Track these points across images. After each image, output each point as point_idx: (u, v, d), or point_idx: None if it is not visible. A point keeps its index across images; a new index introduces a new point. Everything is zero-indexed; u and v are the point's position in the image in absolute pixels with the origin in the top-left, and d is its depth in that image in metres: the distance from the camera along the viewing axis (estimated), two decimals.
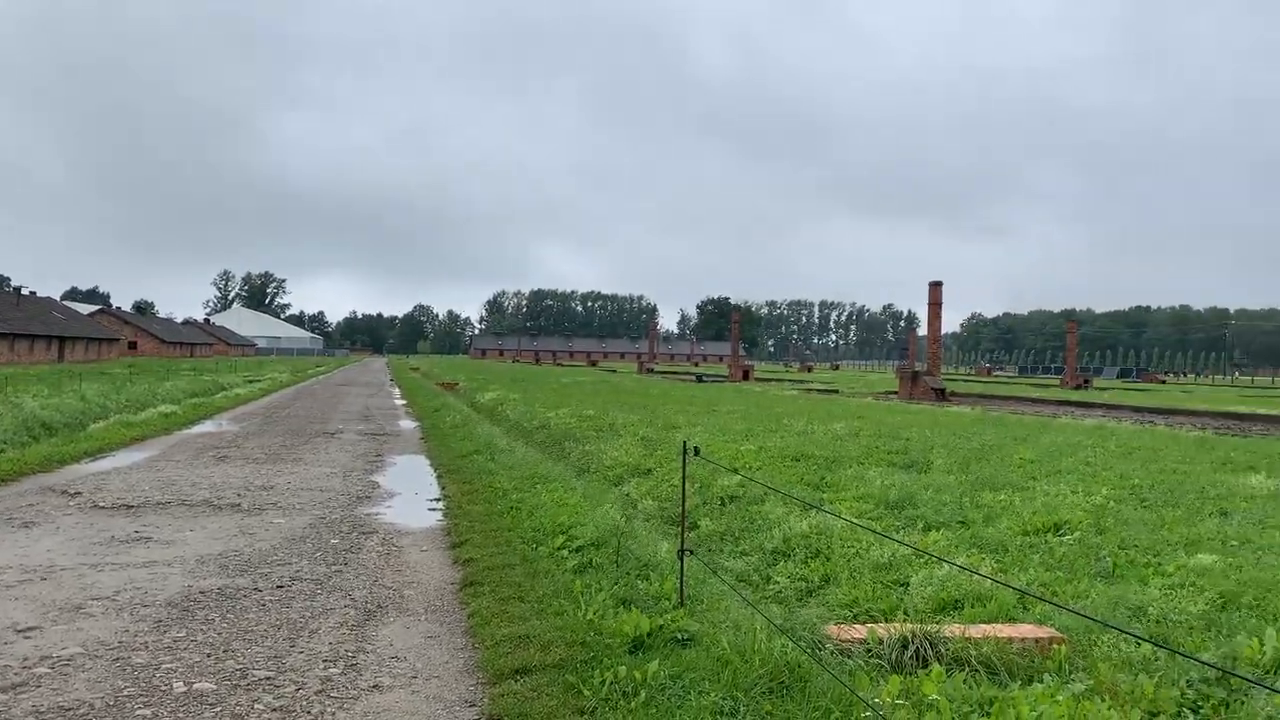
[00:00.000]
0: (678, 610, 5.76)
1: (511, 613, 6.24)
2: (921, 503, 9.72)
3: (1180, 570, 6.83)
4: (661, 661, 4.87)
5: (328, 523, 10.00)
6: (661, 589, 6.39)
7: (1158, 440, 17.53)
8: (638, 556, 7.41)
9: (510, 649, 5.50)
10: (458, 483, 12.72)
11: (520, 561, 7.71)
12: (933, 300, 41.43)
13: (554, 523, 8.88)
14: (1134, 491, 10.61)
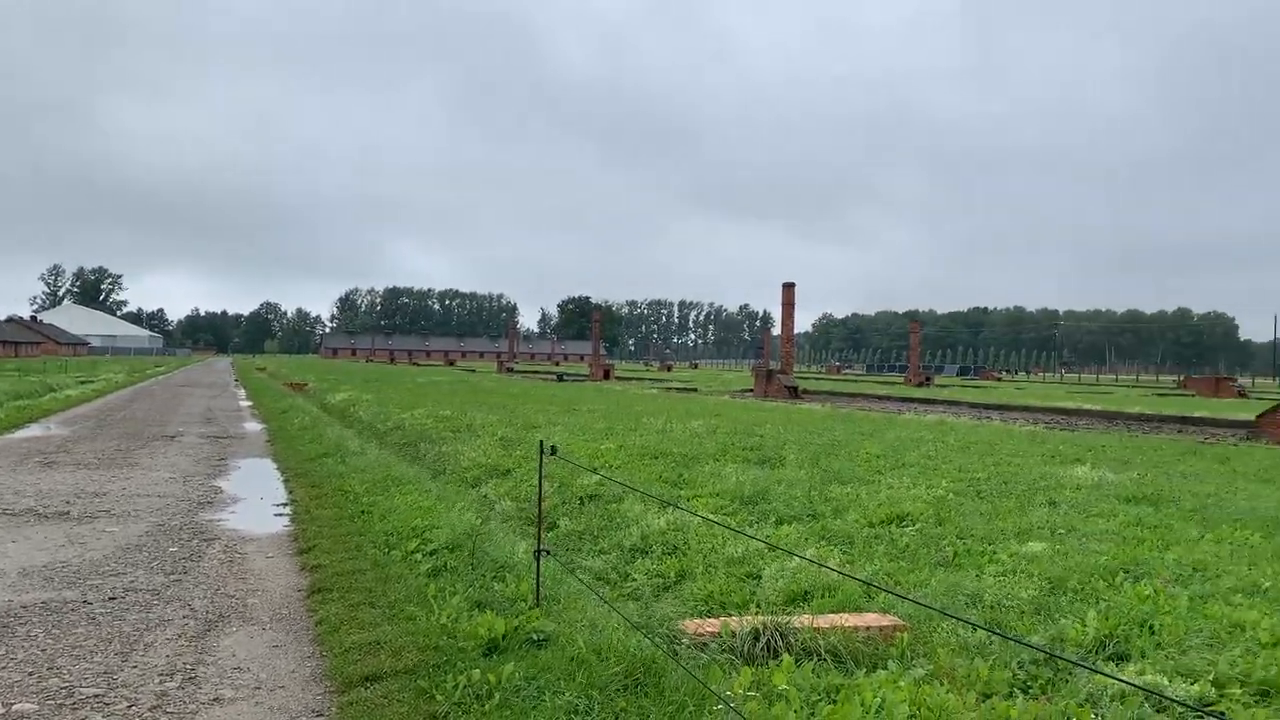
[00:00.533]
0: (534, 611, 5.71)
1: (362, 619, 6.06)
2: (774, 497, 9.95)
3: (1013, 558, 7.20)
4: (517, 663, 4.82)
5: (166, 530, 9.51)
6: (518, 590, 6.32)
7: (993, 435, 18.48)
8: (494, 558, 7.32)
9: (360, 656, 5.34)
10: (306, 486, 12.30)
11: (371, 566, 7.51)
12: (786, 301, 42.55)
13: (408, 526, 8.68)
14: (971, 484, 11.14)
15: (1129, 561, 7.07)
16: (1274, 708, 4.26)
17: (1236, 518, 9.15)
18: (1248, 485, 11.63)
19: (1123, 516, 9.14)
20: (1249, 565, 7.08)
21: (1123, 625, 5.39)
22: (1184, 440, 19.03)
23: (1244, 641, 5.13)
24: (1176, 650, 4.99)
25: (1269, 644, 5.06)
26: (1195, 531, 8.49)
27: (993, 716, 4.11)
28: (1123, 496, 10.36)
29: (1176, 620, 5.46)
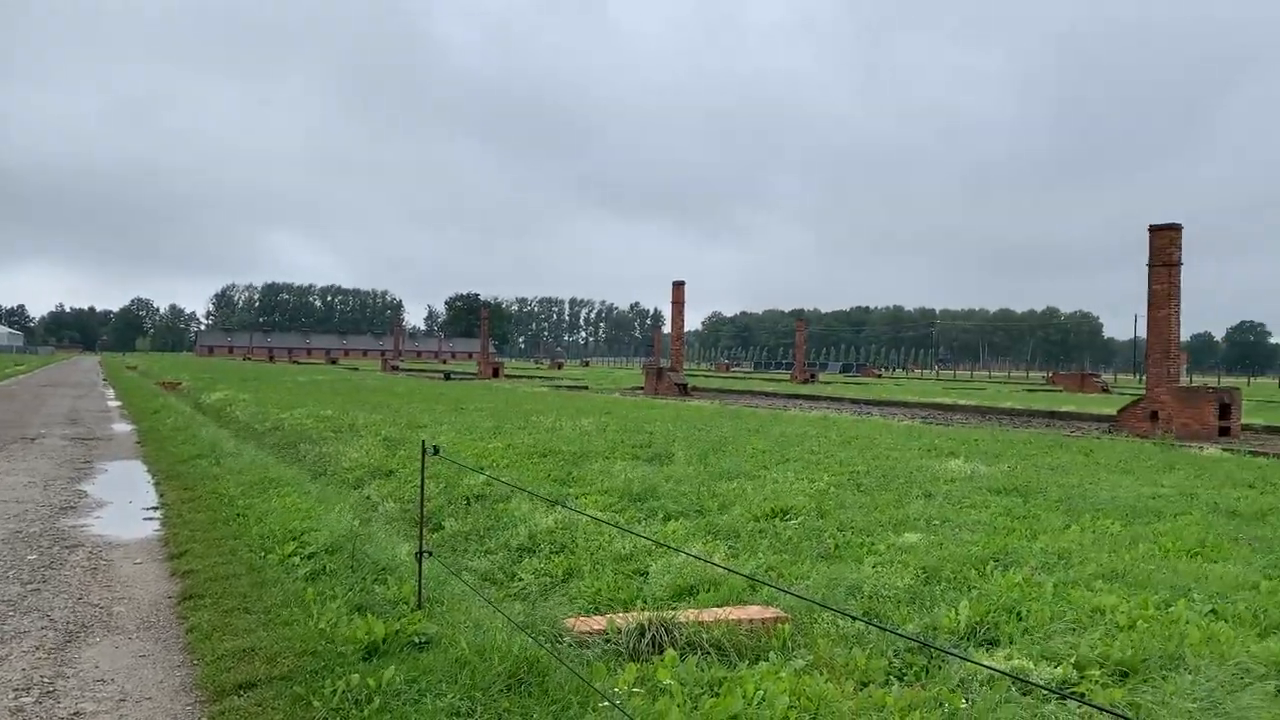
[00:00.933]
0: (416, 613, 5.61)
1: (236, 625, 5.85)
2: (663, 494, 10.02)
3: (890, 549, 7.41)
4: (398, 666, 4.72)
5: (24, 537, 9.00)
6: (400, 593, 6.20)
7: (873, 430, 19.00)
8: (375, 560, 7.16)
9: (233, 664, 5.15)
10: (178, 489, 11.81)
11: (247, 571, 7.25)
12: (675, 299, 42.91)
13: (285, 529, 8.42)
14: (852, 477, 11.42)
15: (999, 551, 7.36)
16: (1130, 687, 4.48)
17: (1098, 507, 9.62)
18: (1109, 476, 12.24)
19: (994, 507, 9.50)
20: (1109, 552, 7.44)
21: (993, 612, 5.60)
22: (1051, 434, 19.92)
23: (1104, 625, 5.38)
24: (1042, 635, 5.21)
25: (1126, 626, 5.32)
26: (1061, 521, 8.88)
27: (870, 704, 4.21)
28: (994, 488, 10.77)
29: (1042, 606, 5.70)
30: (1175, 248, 21.37)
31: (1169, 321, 21.48)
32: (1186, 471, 12.91)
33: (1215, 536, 8.18)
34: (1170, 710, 4.12)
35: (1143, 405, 21.64)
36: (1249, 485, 11.66)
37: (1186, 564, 7.14)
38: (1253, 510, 9.68)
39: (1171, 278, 21.35)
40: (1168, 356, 21.54)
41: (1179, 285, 21.42)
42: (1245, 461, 14.62)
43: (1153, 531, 8.41)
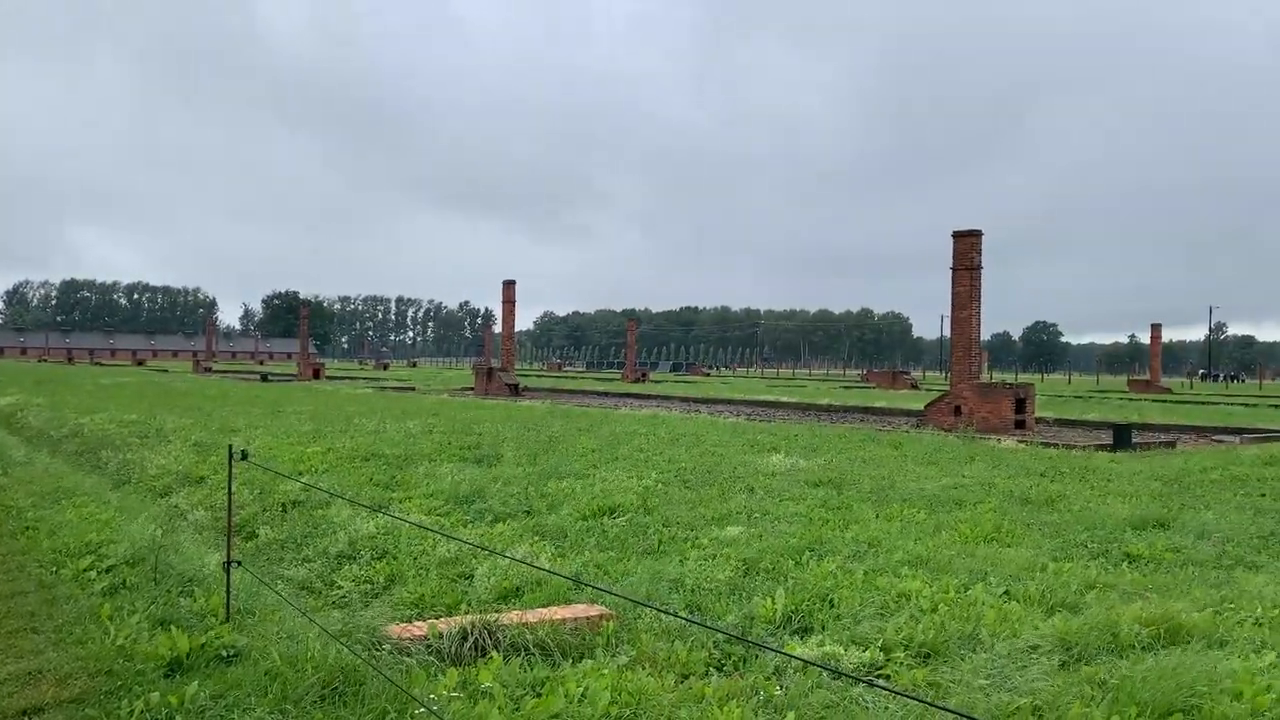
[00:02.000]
0: (224, 626, 5.34)
1: (21, 647, 5.41)
2: (491, 495, 9.92)
3: (713, 542, 7.59)
4: (202, 682, 4.48)
5: None
6: (208, 605, 5.89)
7: (700, 427, 19.42)
8: (181, 572, 6.78)
9: (16, 689, 4.76)
10: None
11: (36, 588, 6.73)
12: (506, 298, 42.59)
13: (81, 542, 7.86)
14: (679, 474, 11.64)
15: (815, 541, 7.66)
16: (931, 667, 4.74)
17: (906, 498, 10.15)
18: (916, 468, 12.94)
19: (811, 500, 9.88)
20: (915, 540, 7.87)
21: (807, 600, 5.82)
22: (865, 428, 20.88)
23: (909, 609, 5.68)
24: (852, 621, 5.45)
25: (929, 610, 5.64)
26: (872, 511, 9.32)
27: (690, 696, 4.29)
28: (811, 481, 11.20)
29: (853, 593, 5.97)
30: (976, 252, 22.78)
31: (971, 322, 22.89)
32: (985, 462, 13.79)
33: (1010, 523, 8.77)
34: (966, 687, 4.39)
35: (947, 400, 22.98)
36: (1040, 474, 12.56)
37: (984, 549, 7.63)
38: (1043, 497, 10.43)
39: (973, 281, 22.75)
40: (969, 355, 22.95)
41: (980, 288, 22.84)
42: (1037, 452, 15.74)
43: (954, 519, 8.94)
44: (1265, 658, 4.84)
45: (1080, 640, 5.05)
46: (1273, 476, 12.57)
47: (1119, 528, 8.72)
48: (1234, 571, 7.20)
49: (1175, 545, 8.06)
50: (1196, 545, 8.09)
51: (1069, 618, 5.54)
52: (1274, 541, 8.39)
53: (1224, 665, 4.57)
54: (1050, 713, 4.10)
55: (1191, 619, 5.49)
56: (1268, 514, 9.75)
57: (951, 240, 23.10)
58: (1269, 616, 5.78)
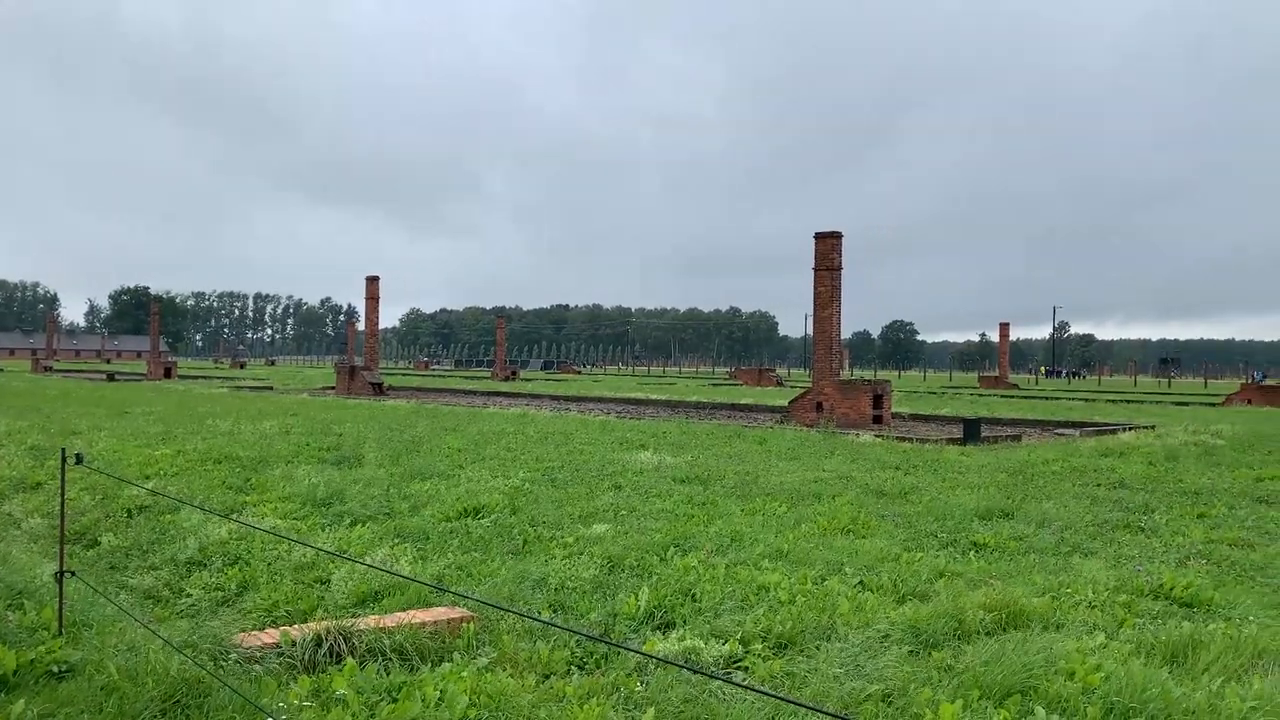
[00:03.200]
0: (56, 640, 5.02)
1: None
2: (350, 497, 9.66)
3: (579, 541, 7.58)
4: (30, 700, 4.20)
5: None
6: (40, 618, 5.52)
7: (570, 425, 19.39)
8: (9, 584, 6.34)
9: None
10: None
11: None
12: (370, 295, 41.56)
13: None
14: (547, 473, 11.58)
15: (680, 537, 7.74)
16: (788, 658, 4.85)
17: (768, 492, 10.37)
18: (779, 463, 13.24)
19: (677, 496, 9.98)
20: (776, 533, 8.04)
21: (670, 596, 5.87)
22: (732, 425, 21.25)
23: (768, 601, 5.80)
24: (713, 614, 5.53)
25: (787, 601, 5.76)
26: (736, 506, 9.49)
27: (550, 696, 4.27)
28: (678, 477, 11.32)
29: (715, 587, 6.05)
30: (836, 254, 23.47)
31: (832, 321, 23.56)
32: (844, 457, 14.22)
33: (866, 515, 9.06)
34: (821, 676, 4.50)
35: (809, 397, 23.60)
36: (895, 467, 13.03)
37: (841, 541, 7.86)
38: (897, 490, 10.82)
39: (834, 281, 23.42)
40: (831, 353, 23.62)
41: (840, 288, 23.53)
42: (892, 446, 16.32)
43: (814, 512, 9.19)
44: (1096, 638, 5.13)
45: (929, 627, 5.25)
46: (1108, 468, 13.38)
47: (967, 518, 9.12)
48: (1071, 558, 7.62)
49: (1018, 534, 8.47)
50: (1037, 534, 8.53)
51: (919, 606, 5.75)
52: (1107, 529, 8.92)
53: (1059, 647, 4.82)
54: (900, 698, 4.24)
55: (1031, 604, 5.78)
56: (1102, 503, 10.36)
57: (814, 242, 23.73)
58: (1100, 600, 6.14)
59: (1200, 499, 10.76)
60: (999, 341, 71.87)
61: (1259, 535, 8.78)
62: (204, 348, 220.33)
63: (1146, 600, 6.25)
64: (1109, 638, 5.21)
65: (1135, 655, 4.84)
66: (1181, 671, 4.64)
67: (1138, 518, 9.49)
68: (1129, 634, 5.32)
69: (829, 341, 23.60)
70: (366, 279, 41.01)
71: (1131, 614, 5.85)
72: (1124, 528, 9.01)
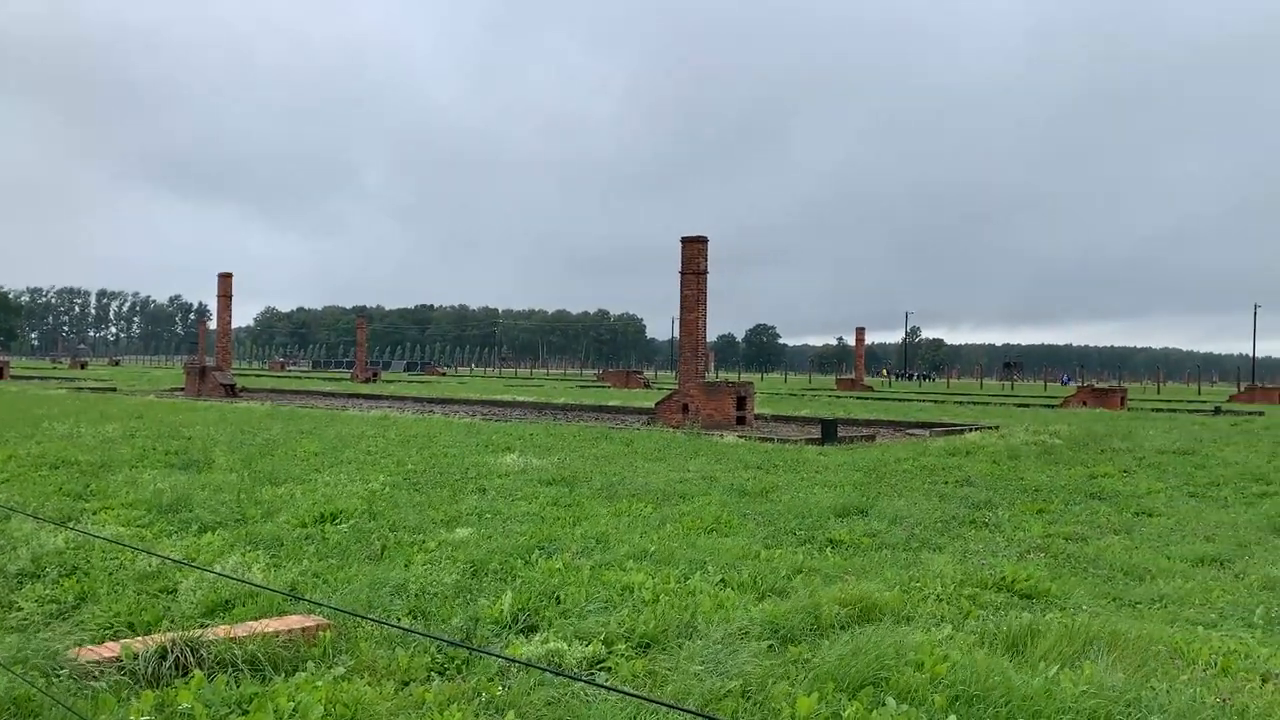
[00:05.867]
0: None
1: None
2: (199, 503, 9.25)
3: (441, 545, 7.45)
4: None
5: None
6: None
7: (433, 427, 19.07)
8: None
9: None
10: None
11: None
12: (222, 292, 39.91)
13: None
14: (408, 476, 11.36)
15: (545, 539, 7.71)
16: (651, 657, 4.88)
17: (634, 492, 10.44)
18: (645, 464, 13.35)
19: (543, 498, 9.95)
20: (641, 533, 8.10)
21: (534, 599, 5.84)
22: (599, 427, 21.30)
23: (632, 601, 5.83)
24: (578, 616, 5.52)
25: (651, 601, 5.81)
26: (602, 507, 9.52)
27: (409, 703, 4.18)
28: (544, 480, 11.28)
29: (579, 589, 6.05)
30: (702, 258, 23.84)
31: (698, 324, 23.92)
32: (708, 457, 14.46)
33: (728, 514, 9.23)
34: (682, 674, 4.55)
35: (675, 399, 23.89)
36: (757, 467, 13.32)
37: (704, 539, 7.98)
38: (759, 489, 11.07)
39: (700, 285, 23.79)
40: (697, 355, 23.98)
41: (706, 291, 23.91)
42: (755, 447, 16.68)
43: (679, 512, 9.30)
44: (944, 630, 5.36)
45: (787, 622, 5.38)
46: (955, 466, 14.01)
47: (824, 515, 9.39)
48: (920, 553, 7.95)
49: (872, 530, 8.78)
50: (890, 530, 8.86)
51: (778, 602, 5.89)
52: (955, 525, 9.34)
53: (909, 639, 5.01)
54: (758, 693, 4.32)
55: (884, 598, 6.00)
56: (950, 500, 10.84)
57: (680, 246, 24.03)
58: (948, 593, 6.42)
59: (1039, 495, 11.38)
60: (855, 345, 74.47)
61: (1092, 529, 9.35)
62: (41, 347, 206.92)
63: (990, 592, 6.57)
64: (955, 629, 5.45)
65: (979, 645, 5.07)
66: (1021, 659, 4.89)
67: (983, 514, 9.97)
68: (974, 625, 5.58)
69: (695, 344, 23.94)
70: (219, 276, 39.40)
71: (976, 606, 6.14)
72: (970, 523, 9.45)
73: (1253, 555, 8.32)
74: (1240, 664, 4.97)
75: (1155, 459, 15.89)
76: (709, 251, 23.95)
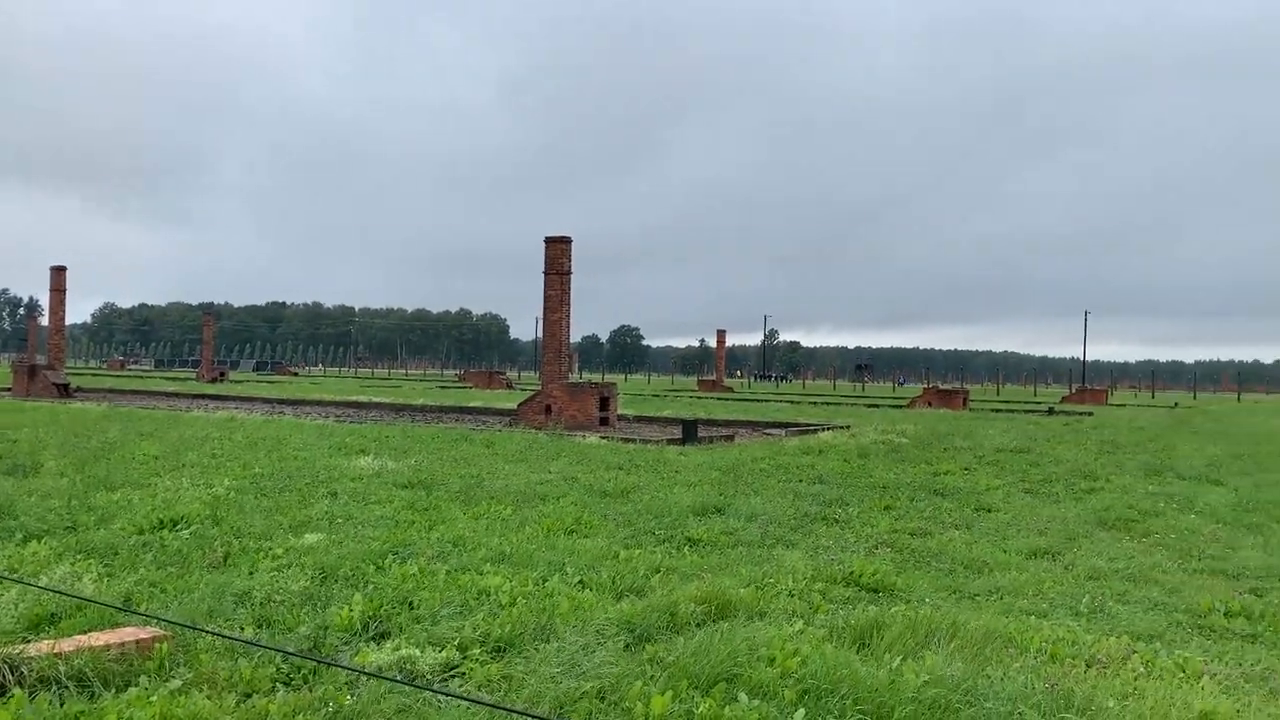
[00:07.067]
0: None
1: None
2: (23, 510, 8.66)
3: (289, 551, 7.18)
4: None
5: None
6: None
7: (284, 430, 18.40)
8: None
9: None
10: None
11: None
12: (55, 287, 37.48)
13: None
14: (255, 480, 10.92)
15: (399, 544, 7.52)
16: (506, 661, 4.82)
17: (494, 495, 10.32)
18: (506, 466, 13.21)
19: (398, 502, 9.72)
20: (499, 536, 8.01)
21: (386, 605, 5.69)
22: (459, 428, 20.99)
23: (489, 605, 5.75)
24: (431, 622, 5.41)
25: (508, 604, 5.74)
26: (460, 510, 9.37)
27: (252, 715, 4.01)
28: (400, 483, 11.02)
29: (434, 594, 5.93)
30: (566, 258, 23.78)
31: (561, 324, 23.84)
32: (570, 458, 14.43)
33: (589, 515, 9.23)
34: (538, 677, 4.51)
35: (538, 400, 23.75)
36: (619, 468, 13.37)
37: (564, 541, 7.95)
38: (619, 489, 11.11)
39: (564, 285, 23.72)
40: (560, 356, 23.90)
41: (570, 292, 23.87)
42: (617, 448, 16.75)
43: (539, 514, 9.24)
44: (795, 625, 5.49)
45: (644, 622, 5.40)
46: (809, 465, 14.40)
47: (683, 515, 9.50)
48: (775, 550, 8.13)
49: (729, 529, 8.94)
50: (746, 528, 9.04)
51: (636, 601, 5.91)
52: (807, 522, 9.60)
53: (762, 634, 5.11)
54: (614, 694, 4.32)
55: (739, 594, 6.10)
56: (804, 498, 11.14)
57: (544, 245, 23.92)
58: (799, 588, 6.59)
59: (887, 493, 11.81)
60: (717, 347, 75.78)
61: (935, 524, 9.76)
62: None
63: (840, 587, 6.78)
64: (806, 623, 5.59)
65: (828, 639, 5.21)
66: (868, 652, 5.05)
67: (834, 511, 10.28)
68: (823, 619, 5.73)
69: (558, 345, 23.87)
70: (52, 269, 37.03)
71: (826, 600, 6.32)
72: (822, 520, 9.73)
73: (1080, 548, 8.85)
74: (1067, 650, 5.27)
75: (994, 457, 16.73)
76: (574, 252, 23.94)
